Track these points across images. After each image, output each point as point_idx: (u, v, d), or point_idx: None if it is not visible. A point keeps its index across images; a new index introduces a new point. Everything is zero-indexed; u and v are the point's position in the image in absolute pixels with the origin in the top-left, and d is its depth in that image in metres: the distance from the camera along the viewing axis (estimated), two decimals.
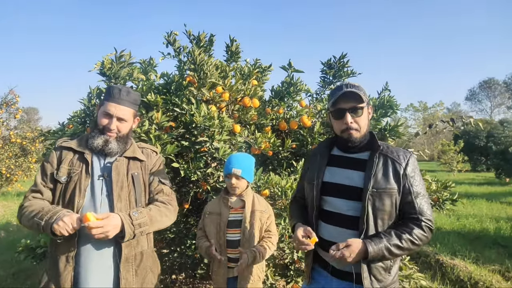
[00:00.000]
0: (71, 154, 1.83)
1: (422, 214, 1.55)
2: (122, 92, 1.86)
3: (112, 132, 1.84)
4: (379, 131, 3.44)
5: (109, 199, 1.80)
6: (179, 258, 3.50)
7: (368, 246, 1.49)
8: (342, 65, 3.59)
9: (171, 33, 3.14)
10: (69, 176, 1.78)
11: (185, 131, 2.83)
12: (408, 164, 1.60)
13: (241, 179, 2.23)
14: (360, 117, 1.64)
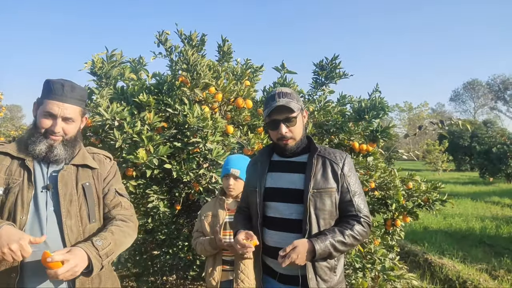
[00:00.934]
0: (7, 160, 1.52)
1: (360, 211, 1.61)
2: (66, 88, 1.56)
3: (57, 135, 1.55)
4: (370, 132, 3.47)
5: (57, 215, 1.51)
6: (170, 260, 3.46)
7: (315, 244, 1.51)
8: (334, 66, 3.61)
9: (162, 33, 3.10)
10: (8, 187, 1.47)
11: (177, 131, 2.80)
12: (345, 164, 1.66)
13: (239, 180, 2.22)
14: (294, 126, 1.67)
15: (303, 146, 1.72)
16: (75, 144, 1.63)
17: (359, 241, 1.60)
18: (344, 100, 3.72)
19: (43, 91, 1.56)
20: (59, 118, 1.54)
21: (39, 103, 1.56)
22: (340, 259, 1.68)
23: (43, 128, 1.53)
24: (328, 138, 3.63)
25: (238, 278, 2.21)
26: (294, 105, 1.65)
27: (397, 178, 3.59)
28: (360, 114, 3.39)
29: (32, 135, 1.54)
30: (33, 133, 1.55)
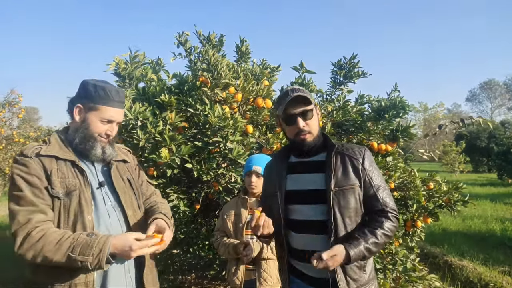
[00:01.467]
0: (54, 162, 1.52)
1: (386, 205, 1.57)
2: (121, 94, 1.64)
3: (108, 137, 1.63)
4: (390, 132, 3.43)
5: (115, 208, 1.61)
6: (190, 259, 3.49)
7: (349, 250, 1.47)
8: (353, 65, 3.59)
9: (182, 34, 3.14)
10: (68, 190, 1.49)
11: (198, 131, 2.82)
12: (365, 158, 1.61)
13: (261, 177, 2.23)
14: (311, 120, 1.63)
15: (319, 144, 1.68)
16: (114, 142, 1.71)
17: (390, 237, 1.57)
18: (362, 100, 3.69)
19: (96, 96, 1.56)
20: (115, 123, 1.62)
21: (91, 108, 1.56)
22: (369, 261, 1.63)
23: (97, 133, 1.58)
24: (346, 138, 3.60)
25: (261, 277, 2.22)
26: (309, 97, 1.63)
27: (418, 179, 3.54)
28: (379, 114, 3.36)
29: (87, 140, 1.57)
30: (85, 136, 1.57)
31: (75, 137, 1.57)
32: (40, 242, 1.34)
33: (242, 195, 2.32)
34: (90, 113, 1.56)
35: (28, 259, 1.34)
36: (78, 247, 1.34)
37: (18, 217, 1.38)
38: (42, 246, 1.34)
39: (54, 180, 1.46)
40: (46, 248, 1.34)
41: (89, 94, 1.56)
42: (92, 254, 1.34)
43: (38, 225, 1.37)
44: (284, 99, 1.63)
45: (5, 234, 6.85)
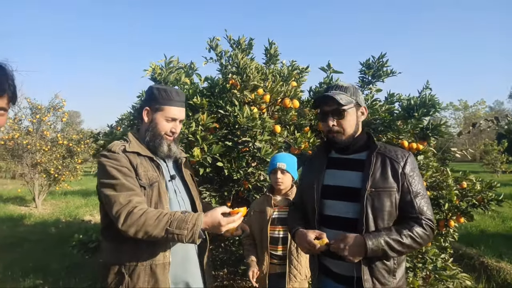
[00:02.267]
0: (137, 158, 1.72)
1: (422, 213, 1.53)
2: (180, 94, 1.82)
3: (173, 135, 1.82)
4: (420, 130, 3.40)
5: (189, 200, 1.87)
6: (222, 254, 3.62)
7: (367, 240, 1.48)
8: (381, 64, 3.59)
9: (213, 39, 3.28)
10: (150, 182, 1.69)
11: (228, 132, 2.95)
12: (407, 163, 1.58)
13: (286, 174, 2.31)
14: (343, 119, 1.64)
15: (360, 143, 1.69)
16: (178, 141, 1.90)
17: (420, 244, 1.52)
18: (392, 99, 3.67)
19: (159, 98, 1.75)
20: (177, 121, 1.80)
21: (157, 109, 1.76)
22: (401, 263, 1.62)
23: (163, 131, 1.77)
24: (376, 137, 3.61)
25: (291, 273, 2.29)
26: (344, 98, 1.61)
27: (450, 178, 3.49)
28: (409, 112, 3.34)
29: (156, 137, 1.77)
30: (154, 135, 1.77)
31: (145, 135, 1.78)
32: (142, 218, 1.50)
33: (267, 193, 2.41)
34: (157, 113, 1.77)
35: (131, 234, 1.51)
36: (175, 222, 1.50)
37: (120, 199, 1.55)
38: (143, 222, 1.50)
39: (140, 172, 1.67)
40: (147, 223, 1.50)
41: (154, 97, 1.76)
42: (187, 228, 1.49)
43: (138, 205, 1.55)
44: (320, 95, 1.69)
45: (51, 230, 7.34)
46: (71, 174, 10.59)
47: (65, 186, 11.19)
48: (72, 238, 3.52)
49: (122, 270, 1.62)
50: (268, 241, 2.33)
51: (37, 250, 5.75)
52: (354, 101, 1.66)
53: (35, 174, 9.94)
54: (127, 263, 1.62)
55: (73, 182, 11.78)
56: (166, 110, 1.76)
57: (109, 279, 1.64)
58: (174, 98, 1.77)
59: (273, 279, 2.35)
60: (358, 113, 1.69)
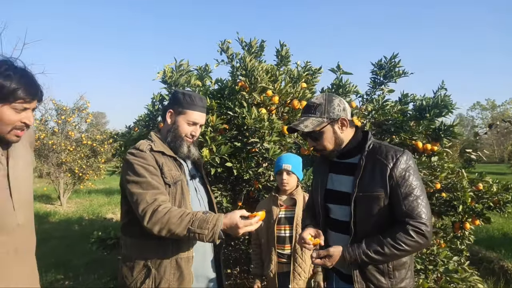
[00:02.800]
0: (161, 157, 1.80)
1: (410, 216, 1.49)
2: (203, 100, 1.93)
3: (193, 138, 1.91)
4: (433, 131, 3.36)
5: (207, 198, 2.00)
6: (234, 253, 3.68)
7: (345, 253, 1.53)
8: (393, 65, 3.56)
9: (224, 41, 3.35)
10: (174, 180, 1.78)
11: (237, 133, 3.01)
12: (397, 163, 1.53)
13: (292, 175, 2.35)
14: (320, 140, 1.67)
15: (352, 147, 1.69)
16: (196, 143, 2.02)
17: (407, 251, 1.49)
18: (406, 99, 3.64)
19: (183, 102, 1.86)
20: (198, 125, 1.91)
21: (179, 112, 1.87)
22: (402, 266, 1.60)
23: (184, 133, 1.87)
24: (389, 138, 3.58)
25: (295, 271, 2.34)
26: (310, 123, 1.64)
27: (465, 179, 3.43)
28: (421, 113, 3.31)
29: (176, 139, 1.87)
30: (175, 136, 1.87)
31: (167, 136, 1.88)
32: (166, 217, 1.59)
33: (273, 193, 2.46)
34: (179, 116, 1.87)
35: (155, 232, 1.59)
36: (197, 222, 1.58)
37: (146, 198, 1.63)
38: (167, 220, 1.58)
39: (165, 171, 1.76)
40: (170, 221, 1.58)
41: (178, 101, 1.87)
42: (208, 228, 1.57)
43: (162, 203, 1.63)
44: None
45: (74, 227, 7.61)
46: (95, 173, 10.94)
47: (89, 184, 11.57)
48: (92, 235, 3.66)
49: (149, 264, 1.71)
50: (275, 240, 2.38)
51: (60, 246, 5.99)
52: (326, 120, 1.65)
53: (60, 173, 10.32)
54: (153, 258, 1.71)
55: (97, 181, 12.15)
56: (189, 114, 1.86)
57: (134, 273, 1.73)
58: (197, 104, 1.88)
59: (281, 278, 2.40)
60: (335, 128, 1.67)
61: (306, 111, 1.69)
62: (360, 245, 1.53)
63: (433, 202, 3.64)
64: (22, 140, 1.53)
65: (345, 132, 1.69)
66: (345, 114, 1.67)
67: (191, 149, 1.91)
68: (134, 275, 1.73)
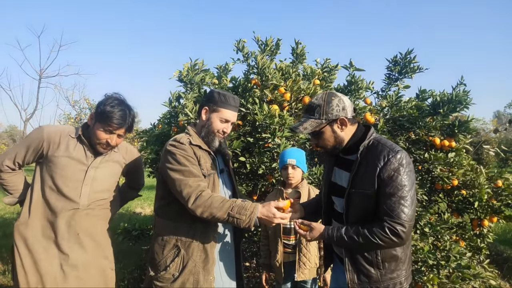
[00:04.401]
0: (198, 150, 1.95)
1: (389, 216, 1.55)
2: (236, 99, 2.06)
3: (224, 134, 2.05)
4: (447, 127, 3.34)
5: (233, 191, 2.16)
6: (251, 245, 3.81)
7: (325, 232, 1.71)
8: (409, 61, 3.56)
9: (239, 41, 3.47)
10: (209, 172, 1.94)
11: (251, 128, 3.13)
12: (387, 164, 1.57)
13: (297, 168, 2.45)
14: (319, 139, 1.77)
15: (353, 144, 1.74)
16: (227, 139, 2.23)
17: (380, 246, 1.59)
18: (424, 95, 3.61)
19: (218, 101, 2.00)
20: (230, 123, 2.04)
21: (214, 110, 2.01)
22: (392, 258, 1.66)
23: (217, 129, 2.00)
24: (405, 134, 3.57)
25: (300, 260, 2.44)
26: (309, 125, 1.72)
27: (483, 176, 3.39)
28: (435, 108, 3.30)
29: (209, 134, 2.01)
30: (209, 131, 2.01)
31: (201, 131, 2.03)
32: (209, 201, 1.75)
33: (279, 187, 2.56)
34: (213, 113, 2.01)
35: (197, 214, 1.75)
36: (236, 208, 1.73)
37: (190, 183, 1.80)
38: (210, 204, 1.74)
39: (202, 163, 1.92)
40: (213, 205, 1.74)
41: (213, 99, 2.01)
42: (246, 214, 1.72)
43: (205, 189, 1.81)
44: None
45: None
46: None
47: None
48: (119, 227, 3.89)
49: (179, 244, 1.90)
50: (281, 231, 2.48)
51: None
52: (324, 121, 1.71)
53: None
54: (183, 239, 1.90)
55: None
56: (222, 112, 2.00)
57: (165, 252, 1.92)
58: (230, 103, 2.01)
59: (287, 267, 2.50)
60: (335, 127, 1.73)
61: (307, 111, 1.77)
62: (339, 229, 1.67)
63: (452, 199, 3.62)
64: (121, 158, 2.24)
65: (346, 130, 1.74)
66: (345, 113, 1.72)
67: (222, 144, 2.06)
68: (165, 253, 1.91)
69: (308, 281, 2.50)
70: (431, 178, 3.53)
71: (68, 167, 1.98)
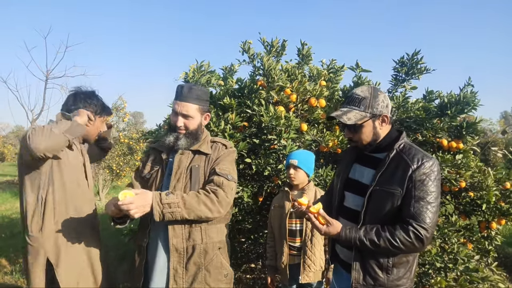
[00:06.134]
0: (154, 153, 2.07)
1: (415, 219, 1.52)
2: (184, 89, 1.91)
3: (181, 129, 1.93)
4: (455, 128, 3.31)
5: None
6: (257, 247, 3.81)
7: (342, 232, 1.60)
8: (416, 62, 3.53)
9: (245, 42, 3.47)
10: (150, 172, 2.01)
11: (257, 130, 3.12)
12: (420, 167, 1.56)
13: (299, 170, 2.44)
14: (358, 133, 1.69)
15: (386, 143, 1.70)
16: (197, 136, 1.98)
17: (400, 249, 1.54)
18: (431, 96, 3.59)
19: (176, 93, 1.96)
20: (179, 115, 1.92)
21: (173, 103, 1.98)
22: (401, 265, 1.64)
23: (172, 124, 1.96)
24: (413, 135, 3.55)
25: (305, 263, 2.43)
26: (353, 116, 1.65)
27: (491, 178, 3.35)
28: (442, 110, 3.27)
29: (167, 131, 2.00)
30: (168, 128, 2.01)
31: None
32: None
33: (285, 188, 2.56)
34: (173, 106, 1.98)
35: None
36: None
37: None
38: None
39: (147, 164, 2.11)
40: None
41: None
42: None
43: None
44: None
45: None
46: (131, 170, 11.43)
47: (126, 181, 12.11)
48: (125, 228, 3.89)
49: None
50: (287, 233, 2.48)
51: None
52: (369, 114, 1.66)
53: (99, 169, 10.89)
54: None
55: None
56: (174, 104, 1.95)
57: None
58: (177, 93, 1.94)
59: (292, 269, 2.50)
60: (376, 123, 1.68)
61: (350, 102, 1.70)
62: (358, 230, 1.60)
63: (459, 201, 3.59)
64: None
65: (383, 128, 1.71)
66: (387, 111, 1.69)
67: (179, 141, 1.95)
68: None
69: (313, 284, 2.48)
70: None
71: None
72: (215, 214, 1.83)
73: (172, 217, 1.73)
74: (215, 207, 1.81)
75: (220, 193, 1.83)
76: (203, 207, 1.79)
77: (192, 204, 1.76)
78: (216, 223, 1.95)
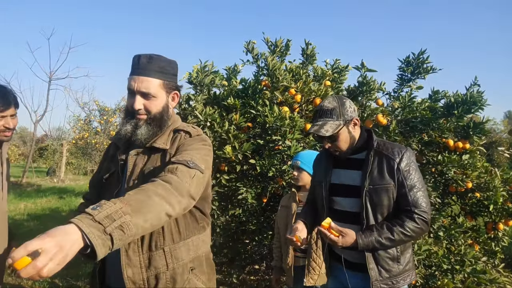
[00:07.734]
0: (114, 149, 1.57)
1: (415, 206, 1.63)
2: (142, 60, 1.39)
3: (141, 113, 1.40)
4: (461, 128, 3.27)
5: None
6: (261, 248, 3.78)
7: (358, 239, 1.62)
8: (422, 61, 3.50)
9: (249, 42, 3.45)
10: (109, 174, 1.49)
11: (261, 130, 3.10)
12: (402, 158, 1.67)
13: (302, 171, 2.42)
14: (336, 141, 1.75)
15: (360, 144, 1.79)
16: (162, 123, 1.45)
17: (412, 237, 1.63)
18: (437, 96, 3.55)
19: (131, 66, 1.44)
20: (137, 94, 1.39)
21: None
22: (406, 250, 1.74)
23: (129, 108, 1.42)
24: (418, 135, 3.51)
25: (310, 266, 2.40)
26: (329, 127, 1.71)
27: (498, 178, 3.32)
28: (449, 110, 3.24)
29: (124, 117, 1.44)
30: (125, 115, 1.45)
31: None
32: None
33: (293, 189, 2.53)
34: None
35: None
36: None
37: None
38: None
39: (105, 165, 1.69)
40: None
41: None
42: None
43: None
44: (313, 120, 1.80)
45: None
46: None
47: None
48: None
49: None
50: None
51: None
52: (342, 122, 1.73)
53: None
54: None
55: None
56: (129, 81, 1.42)
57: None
58: (132, 66, 1.42)
59: (297, 271, 2.46)
60: (350, 128, 1.77)
61: (322, 115, 1.76)
62: (371, 232, 1.64)
63: (465, 202, 3.55)
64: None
65: (356, 131, 1.80)
66: (356, 114, 1.79)
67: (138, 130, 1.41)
68: None
69: (318, 287, 2.45)
70: (444, 180, 3.47)
71: None
72: (175, 207, 1.17)
73: (125, 234, 0.99)
74: (172, 195, 1.17)
75: (173, 178, 1.22)
76: (157, 199, 1.12)
77: (141, 201, 1.09)
78: (186, 238, 1.43)
